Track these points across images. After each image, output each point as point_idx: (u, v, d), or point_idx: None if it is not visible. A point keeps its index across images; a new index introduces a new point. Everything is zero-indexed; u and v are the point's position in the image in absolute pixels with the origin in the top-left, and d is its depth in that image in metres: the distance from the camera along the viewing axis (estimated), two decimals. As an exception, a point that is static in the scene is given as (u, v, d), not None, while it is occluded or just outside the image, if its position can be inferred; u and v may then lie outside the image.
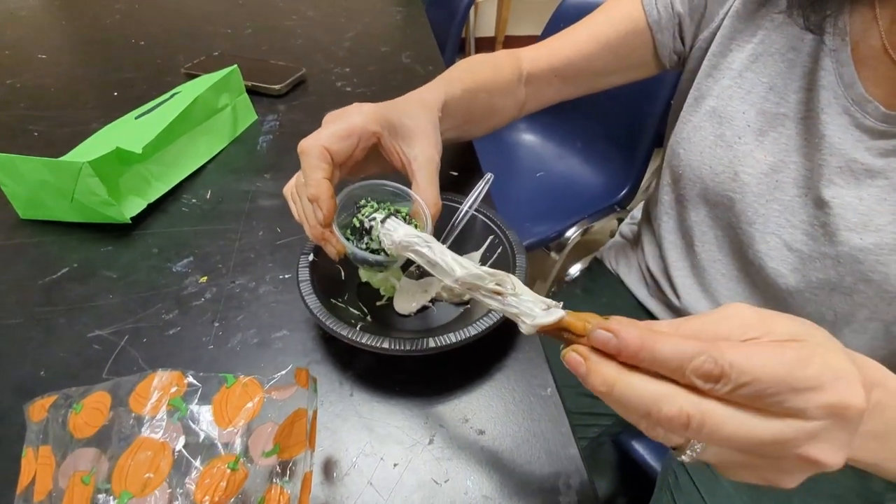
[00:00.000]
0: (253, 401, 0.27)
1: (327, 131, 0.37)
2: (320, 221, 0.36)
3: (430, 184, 0.39)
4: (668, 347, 0.21)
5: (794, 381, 0.20)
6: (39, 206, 0.54)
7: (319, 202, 0.35)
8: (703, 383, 0.20)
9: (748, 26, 0.49)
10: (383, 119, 0.39)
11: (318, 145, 0.36)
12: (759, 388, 0.20)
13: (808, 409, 0.20)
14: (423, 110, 0.42)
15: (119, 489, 0.24)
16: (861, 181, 0.43)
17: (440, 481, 0.35)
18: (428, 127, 0.41)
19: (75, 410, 0.27)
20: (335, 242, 0.37)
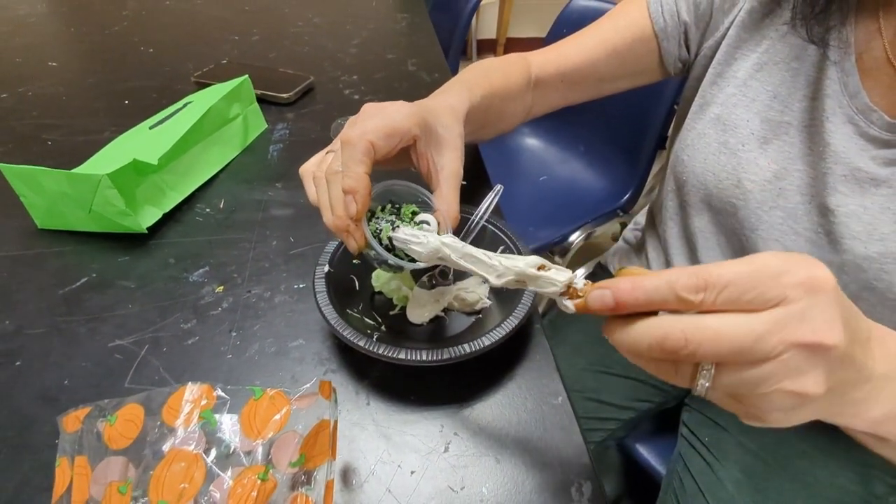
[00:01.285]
0: (280, 412, 0.29)
1: (373, 125, 0.36)
2: (352, 215, 0.35)
3: (453, 195, 0.40)
4: (655, 279, 0.24)
5: (766, 272, 0.22)
6: (58, 217, 0.55)
7: (357, 196, 0.35)
8: (693, 295, 0.23)
9: (753, 36, 0.50)
10: (424, 123, 0.39)
11: (366, 140, 0.35)
12: (739, 286, 0.22)
13: (786, 291, 0.22)
14: (454, 120, 0.42)
15: (156, 498, 0.26)
16: (866, 190, 0.44)
17: (456, 488, 0.36)
18: (458, 140, 0.41)
19: (110, 422, 0.28)
20: (358, 237, 0.36)
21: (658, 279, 0.24)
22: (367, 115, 0.38)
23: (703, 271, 0.23)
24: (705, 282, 0.23)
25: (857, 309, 0.25)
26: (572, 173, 1.29)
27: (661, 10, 0.53)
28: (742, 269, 0.23)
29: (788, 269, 0.22)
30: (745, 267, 0.23)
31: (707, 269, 0.23)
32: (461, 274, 0.51)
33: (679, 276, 0.23)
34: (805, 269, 0.22)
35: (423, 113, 0.39)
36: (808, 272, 0.22)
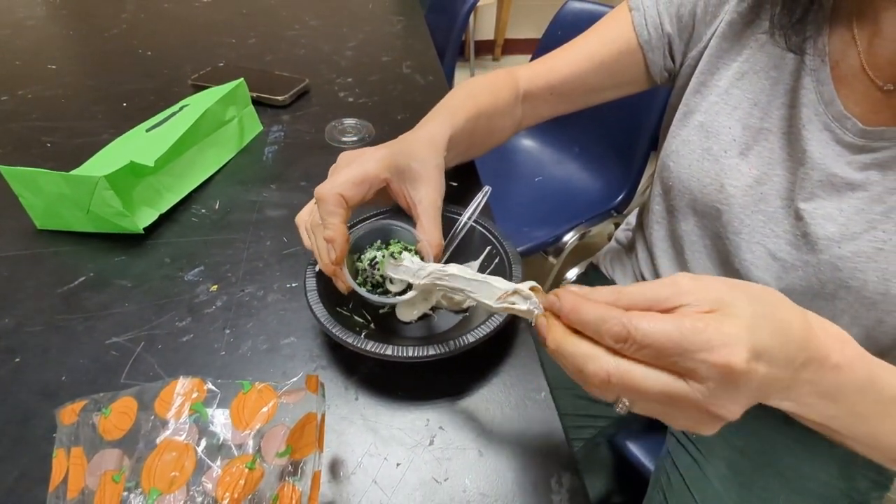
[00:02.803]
0: (268, 405, 0.30)
1: (342, 178, 0.41)
2: (333, 261, 0.40)
3: (434, 226, 0.42)
4: (590, 311, 0.26)
5: (686, 344, 0.24)
6: (56, 217, 0.57)
7: (335, 244, 0.39)
8: (615, 343, 0.25)
9: (734, 46, 0.51)
10: (394, 166, 0.43)
11: (335, 193, 0.40)
12: (657, 348, 0.24)
13: (698, 368, 0.24)
14: (431, 152, 0.45)
15: (148, 486, 0.27)
16: (842, 194, 0.46)
17: (440, 480, 0.37)
18: (433, 172, 0.44)
19: (104, 414, 0.29)
20: (343, 279, 0.41)
21: (592, 313, 0.26)
22: (339, 167, 0.43)
23: (630, 324, 0.24)
24: (628, 334, 0.24)
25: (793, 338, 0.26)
26: (567, 174, 1.30)
27: (645, 22, 0.55)
28: (668, 330, 0.24)
29: (711, 348, 0.23)
30: (672, 328, 0.24)
31: (636, 322, 0.24)
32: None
33: (608, 318, 0.25)
34: (723, 357, 0.23)
35: (393, 156, 0.43)
36: (725, 360, 0.23)
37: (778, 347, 0.25)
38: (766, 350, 0.25)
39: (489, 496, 0.36)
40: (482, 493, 0.37)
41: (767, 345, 0.25)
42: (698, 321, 0.24)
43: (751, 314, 0.25)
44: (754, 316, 0.25)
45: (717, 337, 0.23)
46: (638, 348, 0.24)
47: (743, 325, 0.24)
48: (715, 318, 0.24)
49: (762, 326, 0.25)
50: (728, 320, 0.24)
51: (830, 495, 0.57)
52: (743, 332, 0.24)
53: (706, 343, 0.23)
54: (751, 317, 0.25)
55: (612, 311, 0.25)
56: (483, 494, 0.37)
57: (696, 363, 0.24)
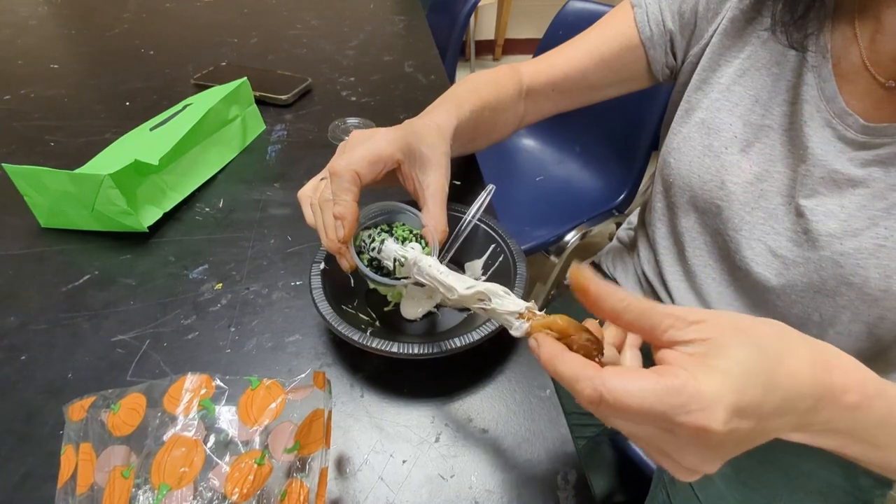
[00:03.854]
0: (276, 402, 0.30)
1: (357, 155, 0.39)
2: (340, 238, 0.39)
3: (440, 210, 0.42)
4: (565, 367, 0.25)
5: (662, 407, 0.23)
6: (60, 216, 0.57)
7: (344, 222, 0.38)
8: (587, 405, 0.24)
9: (736, 43, 0.51)
10: (406, 147, 0.42)
11: (350, 170, 0.39)
12: (633, 413, 0.23)
13: (674, 430, 0.23)
14: (439, 139, 0.44)
15: (157, 482, 0.27)
16: (843, 190, 0.46)
17: (446, 477, 0.37)
18: (442, 158, 0.44)
19: (113, 410, 0.29)
20: (349, 258, 0.40)
21: (567, 370, 0.25)
22: (353, 144, 0.41)
23: (604, 386, 0.23)
24: (601, 398, 0.23)
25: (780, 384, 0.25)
26: (568, 174, 1.30)
27: (647, 19, 0.55)
28: (643, 393, 0.23)
29: (689, 411, 0.22)
30: (647, 392, 0.23)
31: (609, 383, 0.23)
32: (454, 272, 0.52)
33: (582, 379, 0.24)
34: (700, 421, 0.22)
35: (406, 137, 0.42)
36: (701, 424, 0.22)
37: (772, 405, 0.24)
38: (754, 408, 0.23)
39: (495, 493, 0.37)
40: (488, 490, 0.37)
41: (755, 403, 0.23)
42: (675, 378, 0.23)
43: (741, 368, 0.24)
44: (746, 372, 0.24)
45: (692, 401, 0.22)
46: (612, 412, 0.24)
47: (726, 383, 0.23)
48: (696, 374, 0.23)
49: (751, 384, 0.23)
50: (709, 378, 0.23)
51: (833, 493, 0.57)
52: (725, 390, 0.23)
53: (682, 407, 0.22)
54: (741, 371, 0.23)
55: (587, 369, 0.24)
56: (489, 491, 0.37)
57: (673, 426, 0.23)
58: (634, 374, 0.24)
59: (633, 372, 0.24)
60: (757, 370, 0.24)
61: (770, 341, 0.25)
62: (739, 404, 0.23)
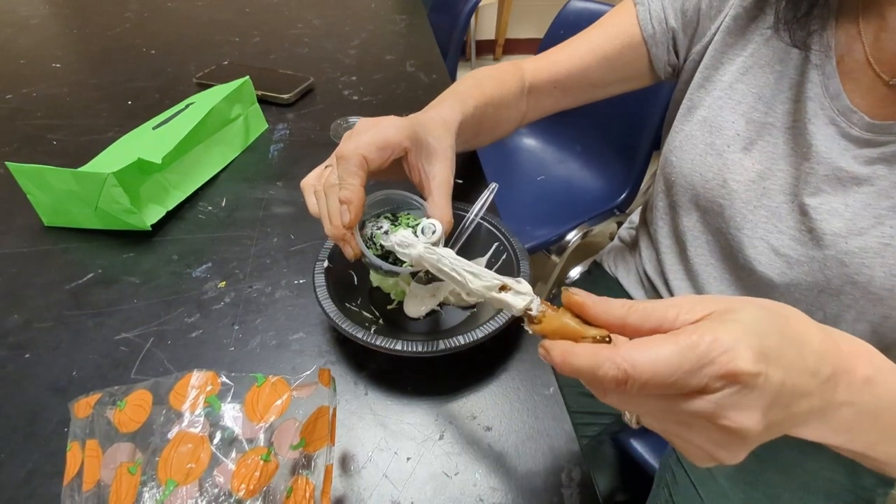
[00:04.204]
0: (282, 398, 0.30)
1: (365, 139, 0.39)
2: (345, 223, 0.38)
3: (445, 201, 0.41)
4: (581, 359, 0.24)
5: (687, 365, 0.22)
6: (64, 214, 0.57)
7: (350, 206, 0.37)
8: (616, 388, 0.23)
9: (739, 40, 0.51)
10: (414, 136, 0.41)
11: (358, 154, 0.38)
12: (660, 380, 0.22)
13: (706, 384, 0.22)
14: (445, 132, 0.44)
15: (164, 478, 0.27)
16: (848, 188, 0.46)
17: (450, 474, 0.37)
18: (448, 151, 0.43)
19: (119, 407, 0.29)
20: (353, 245, 0.39)
21: (585, 362, 0.24)
22: (361, 131, 0.41)
23: (624, 361, 0.22)
24: (626, 374, 0.22)
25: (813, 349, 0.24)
26: (569, 173, 1.30)
27: (650, 17, 0.55)
28: (666, 355, 0.22)
29: (712, 359, 0.22)
30: (669, 352, 0.22)
31: (631, 356, 0.23)
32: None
33: (603, 365, 0.23)
34: (726, 364, 0.22)
35: (414, 126, 0.42)
36: (729, 366, 0.22)
37: (792, 355, 0.23)
38: (776, 353, 0.23)
39: (499, 490, 0.37)
40: (492, 487, 0.37)
41: (777, 348, 0.23)
42: (692, 334, 0.22)
43: (753, 319, 0.23)
44: (757, 321, 0.23)
45: (713, 347, 0.22)
46: (641, 386, 0.22)
47: (742, 329, 0.22)
48: (709, 325, 0.23)
49: (767, 332, 0.23)
50: (724, 326, 0.23)
51: (836, 492, 0.57)
52: (743, 334, 0.22)
53: (705, 356, 0.22)
54: (753, 321, 0.23)
55: (603, 351, 0.23)
56: (493, 488, 0.37)
57: (704, 379, 0.22)
58: (652, 341, 0.23)
59: (650, 340, 0.23)
60: (768, 321, 0.23)
61: (774, 306, 0.25)
62: (762, 347, 0.22)
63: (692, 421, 0.23)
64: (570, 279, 1.01)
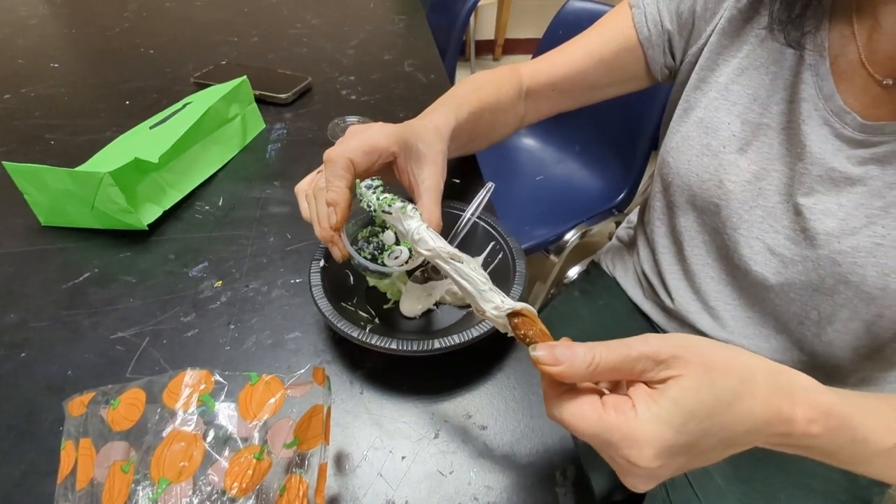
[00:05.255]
0: (275, 397, 0.30)
1: (353, 144, 0.40)
2: (332, 225, 0.39)
3: (434, 205, 0.42)
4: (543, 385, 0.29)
5: (603, 438, 0.26)
6: (61, 214, 0.57)
7: (337, 208, 0.39)
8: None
9: (734, 42, 0.51)
10: (403, 141, 0.43)
11: (345, 157, 0.40)
12: (581, 437, 0.27)
13: (613, 458, 0.27)
14: (436, 138, 0.45)
15: (157, 476, 0.27)
16: (841, 188, 0.46)
17: (445, 472, 0.37)
18: (438, 156, 0.44)
19: (113, 406, 0.29)
20: (341, 247, 0.41)
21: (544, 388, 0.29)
22: (350, 136, 0.42)
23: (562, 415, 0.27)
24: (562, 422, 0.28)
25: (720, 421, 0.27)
26: (568, 173, 1.30)
27: (645, 19, 0.55)
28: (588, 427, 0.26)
29: (619, 448, 0.26)
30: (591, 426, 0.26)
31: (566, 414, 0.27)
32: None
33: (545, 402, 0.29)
34: (629, 457, 0.25)
35: (403, 133, 0.43)
36: (630, 459, 0.25)
37: (714, 441, 0.26)
38: (689, 447, 0.26)
39: (494, 488, 0.37)
40: (487, 486, 0.37)
41: (692, 442, 0.26)
42: (617, 417, 0.26)
43: (683, 414, 0.25)
44: (688, 416, 0.25)
45: (624, 441, 0.25)
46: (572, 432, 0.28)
47: (659, 429, 0.25)
48: (639, 414, 0.26)
49: (692, 428, 0.26)
50: (645, 421, 0.25)
51: (833, 491, 0.57)
52: (657, 434, 0.25)
53: (615, 443, 0.26)
54: (682, 417, 0.25)
55: (549, 392, 0.29)
56: (488, 487, 0.37)
57: (611, 453, 0.27)
58: (583, 404, 0.27)
59: (583, 402, 0.27)
60: (703, 415, 0.26)
61: (731, 384, 0.27)
62: (672, 447, 0.25)
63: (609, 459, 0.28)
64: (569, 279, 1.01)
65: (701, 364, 0.26)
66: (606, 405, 0.27)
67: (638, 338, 0.27)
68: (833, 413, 0.29)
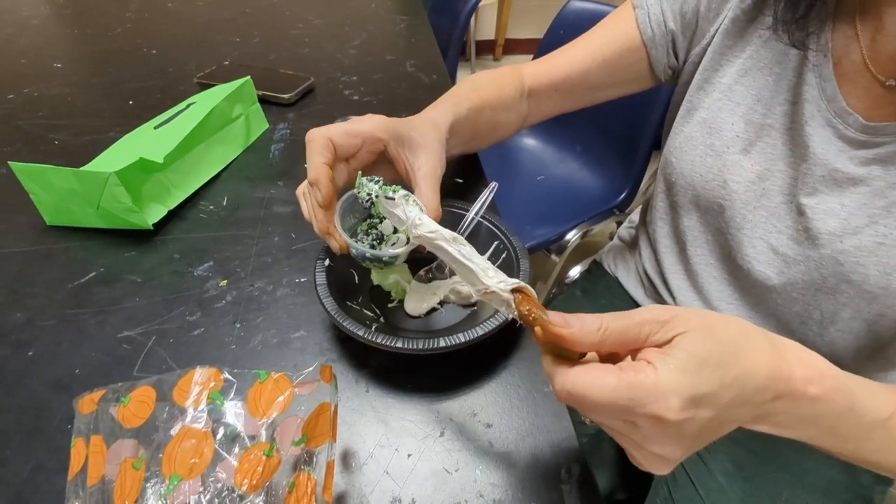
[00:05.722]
0: (284, 395, 0.30)
1: (336, 127, 0.42)
2: (319, 202, 0.40)
3: (432, 192, 0.42)
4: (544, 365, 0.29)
5: (623, 402, 0.25)
6: (66, 213, 0.57)
7: (319, 185, 0.39)
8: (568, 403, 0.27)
9: (737, 42, 0.51)
10: (391, 129, 0.43)
11: (323, 136, 0.41)
12: (601, 408, 0.26)
13: (636, 420, 0.26)
14: (431, 129, 0.46)
15: (169, 472, 0.27)
16: (844, 189, 0.46)
17: (451, 470, 0.38)
18: (434, 144, 0.44)
19: (123, 403, 0.30)
20: (338, 237, 0.41)
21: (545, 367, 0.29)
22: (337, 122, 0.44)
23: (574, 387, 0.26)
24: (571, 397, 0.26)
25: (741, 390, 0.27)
26: (569, 173, 1.31)
27: (649, 20, 0.55)
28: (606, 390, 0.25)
29: (645, 403, 0.25)
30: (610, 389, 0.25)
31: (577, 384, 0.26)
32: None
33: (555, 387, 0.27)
34: (655, 411, 0.25)
35: (393, 123, 0.44)
36: (657, 413, 0.25)
37: (729, 394, 0.26)
38: (710, 397, 0.26)
39: (499, 486, 0.37)
40: (492, 483, 0.37)
41: (711, 392, 0.26)
42: (638, 373, 0.25)
43: (699, 365, 0.25)
44: (703, 366, 0.25)
45: (649, 394, 0.25)
46: (581, 407, 0.27)
47: (683, 378, 0.25)
48: (657, 368, 0.25)
49: (708, 377, 0.26)
50: (667, 373, 0.25)
51: (834, 489, 0.57)
52: (680, 384, 0.25)
53: (640, 399, 0.25)
54: (698, 368, 0.25)
55: (554, 367, 0.27)
56: (493, 484, 0.37)
57: (634, 417, 0.25)
58: (598, 370, 0.26)
59: (598, 368, 0.26)
60: (714, 363, 0.26)
61: (732, 336, 0.27)
62: (695, 395, 0.25)
63: (628, 436, 0.27)
64: (570, 278, 1.02)
65: (701, 321, 0.27)
66: (624, 368, 0.26)
67: (638, 309, 0.28)
68: (828, 374, 0.29)
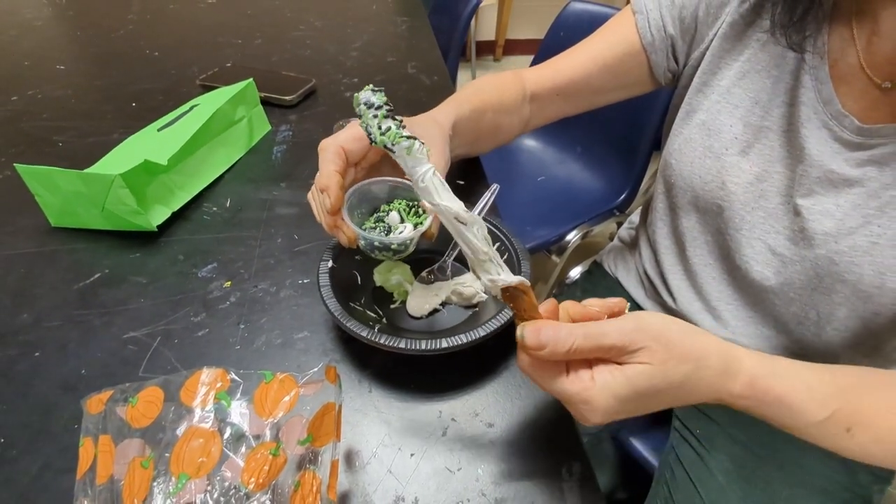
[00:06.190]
0: (290, 395, 0.31)
1: (344, 134, 0.43)
2: (327, 209, 0.41)
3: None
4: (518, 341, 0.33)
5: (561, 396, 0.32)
6: (71, 215, 0.57)
7: (329, 191, 0.41)
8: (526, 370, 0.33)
9: (736, 46, 0.52)
10: None
11: (336, 144, 0.43)
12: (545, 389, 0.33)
13: (568, 407, 0.32)
14: (435, 126, 0.47)
15: (177, 471, 0.28)
16: (840, 190, 0.47)
17: (454, 469, 0.38)
18: (438, 140, 0.45)
19: (131, 403, 0.30)
20: (346, 230, 0.42)
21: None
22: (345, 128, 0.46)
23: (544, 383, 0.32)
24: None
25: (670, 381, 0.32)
26: (569, 174, 1.31)
27: (648, 25, 0.56)
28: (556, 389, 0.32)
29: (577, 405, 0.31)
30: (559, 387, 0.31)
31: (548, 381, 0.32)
32: (459, 269, 0.53)
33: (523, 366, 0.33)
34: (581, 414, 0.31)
35: None
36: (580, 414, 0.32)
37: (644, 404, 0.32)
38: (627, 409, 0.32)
39: (501, 484, 0.37)
40: (494, 482, 0.38)
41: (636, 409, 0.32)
42: (574, 386, 0.31)
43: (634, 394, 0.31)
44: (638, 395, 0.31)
45: (581, 402, 0.31)
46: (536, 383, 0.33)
47: (609, 402, 0.31)
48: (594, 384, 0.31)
49: (637, 405, 0.32)
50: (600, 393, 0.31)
51: (832, 489, 0.57)
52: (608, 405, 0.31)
53: (573, 402, 0.31)
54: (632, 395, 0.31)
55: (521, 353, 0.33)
56: (495, 483, 0.37)
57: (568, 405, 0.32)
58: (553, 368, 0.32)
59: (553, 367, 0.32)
60: (651, 394, 0.31)
61: (685, 370, 0.32)
62: (618, 412, 0.31)
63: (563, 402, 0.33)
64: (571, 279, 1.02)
65: (663, 356, 0.31)
66: (571, 379, 0.31)
67: (617, 324, 0.31)
68: (767, 391, 0.35)
